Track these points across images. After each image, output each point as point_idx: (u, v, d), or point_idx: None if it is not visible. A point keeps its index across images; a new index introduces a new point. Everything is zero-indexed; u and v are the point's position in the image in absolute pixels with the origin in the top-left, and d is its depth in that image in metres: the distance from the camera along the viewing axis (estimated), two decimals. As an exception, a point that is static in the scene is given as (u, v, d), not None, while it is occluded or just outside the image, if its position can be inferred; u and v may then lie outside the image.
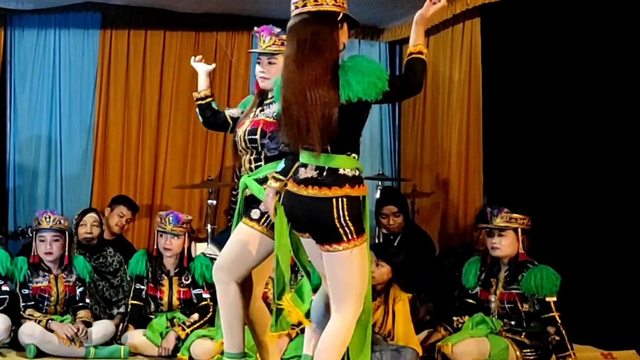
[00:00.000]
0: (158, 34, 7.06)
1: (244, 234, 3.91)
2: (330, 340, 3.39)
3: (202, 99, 4.37)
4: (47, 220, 5.27)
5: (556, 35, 6.05)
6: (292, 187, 3.44)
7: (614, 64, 5.75)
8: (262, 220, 3.89)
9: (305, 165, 3.42)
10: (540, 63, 6.17)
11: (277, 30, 4.07)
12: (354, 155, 3.40)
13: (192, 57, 4.59)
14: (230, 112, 4.33)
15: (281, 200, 3.53)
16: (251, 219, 3.91)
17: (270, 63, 4.01)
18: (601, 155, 5.81)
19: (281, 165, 3.73)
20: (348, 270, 3.36)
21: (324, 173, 3.36)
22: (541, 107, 6.18)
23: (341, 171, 3.36)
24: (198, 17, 6.97)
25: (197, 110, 4.41)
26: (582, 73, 5.90)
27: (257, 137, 3.99)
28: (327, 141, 3.33)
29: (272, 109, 3.97)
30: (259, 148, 4.00)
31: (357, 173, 3.40)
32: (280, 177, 3.64)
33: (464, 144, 6.81)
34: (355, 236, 3.33)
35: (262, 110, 4.05)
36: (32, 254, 5.27)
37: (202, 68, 4.46)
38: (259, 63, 4.07)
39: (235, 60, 7.14)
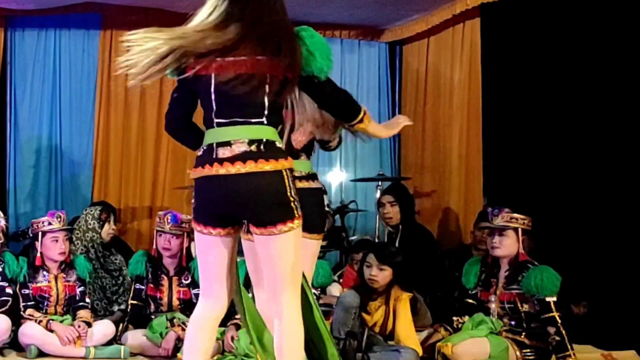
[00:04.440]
0: (158, 34, 7.06)
1: None
2: (298, 331, 3.17)
3: None
4: (59, 220, 5.27)
5: (556, 35, 6.06)
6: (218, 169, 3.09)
7: (614, 64, 5.76)
8: None
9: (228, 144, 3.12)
10: (540, 63, 6.17)
11: None
12: None
13: None
14: None
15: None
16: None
17: None
18: (601, 156, 5.81)
19: None
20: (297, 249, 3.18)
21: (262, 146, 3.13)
22: (541, 108, 6.19)
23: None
24: (198, 18, 6.97)
25: None
26: (583, 73, 5.91)
27: None
28: None
29: None
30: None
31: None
32: None
33: (464, 144, 6.81)
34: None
35: None
36: (37, 255, 5.24)
37: None
38: None
39: (235, 61, 7.13)
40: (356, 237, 7.05)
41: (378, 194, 6.67)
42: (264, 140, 3.11)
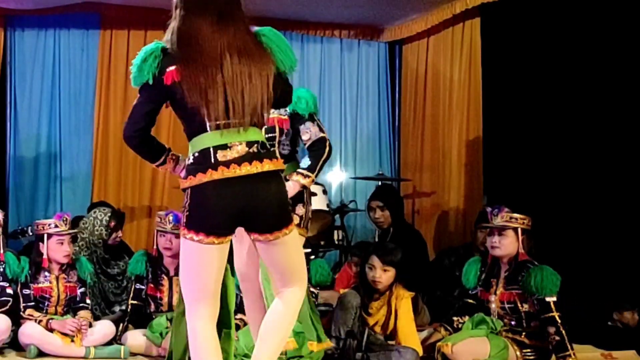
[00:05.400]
0: (158, 34, 6.97)
1: None
2: (295, 308, 3.24)
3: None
4: (65, 223, 5.26)
5: (556, 34, 6.06)
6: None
7: (614, 63, 5.76)
8: (303, 223, 3.93)
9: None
10: (540, 63, 6.18)
11: None
12: None
13: None
14: None
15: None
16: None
17: None
18: (601, 155, 5.82)
19: (306, 161, 3.88)
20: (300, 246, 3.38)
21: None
22: (541, 107, 6.19)
23: None
24: (198, 17, 6.97)
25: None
26: (582, 73, 5.91)
27: (277, 134, 4.05)
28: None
29: None
30: (275, 146, 4.03)
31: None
32: (308, 173, 3.75)
33: (464, 144, 6.82)
34: None
35: None
36: (43, 257, 5.22)
37: None
38: None
39: (235, 60, 7.12)
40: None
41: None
42: (260, 141, 3.10)
